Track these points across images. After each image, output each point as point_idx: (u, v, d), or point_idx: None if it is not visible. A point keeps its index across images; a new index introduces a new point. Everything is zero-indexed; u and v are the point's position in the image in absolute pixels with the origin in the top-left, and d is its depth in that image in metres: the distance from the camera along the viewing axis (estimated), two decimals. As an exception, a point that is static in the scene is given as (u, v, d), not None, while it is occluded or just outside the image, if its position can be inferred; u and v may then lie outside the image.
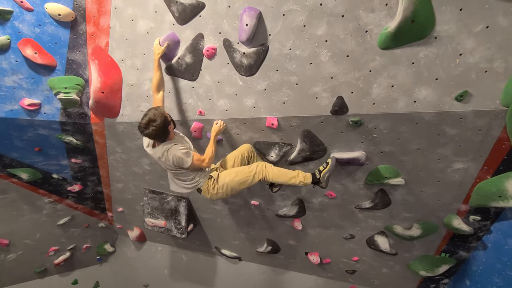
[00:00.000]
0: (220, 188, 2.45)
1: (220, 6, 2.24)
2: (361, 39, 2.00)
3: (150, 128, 2.08)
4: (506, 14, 1.69)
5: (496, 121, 1.96)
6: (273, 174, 2.45)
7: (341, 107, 2.24)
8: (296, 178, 2.44)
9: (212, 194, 2.47)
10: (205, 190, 2.48)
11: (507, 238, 2.49)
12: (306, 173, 2.47)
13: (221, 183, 2.45)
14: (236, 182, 2.45)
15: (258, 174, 2.44)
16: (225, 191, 2.47)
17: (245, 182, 2.45)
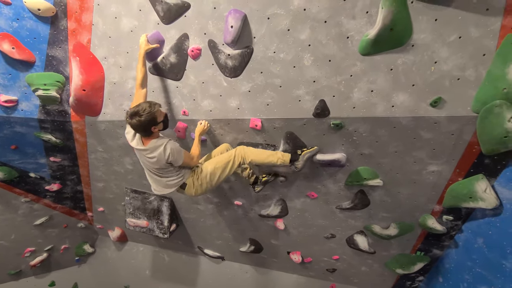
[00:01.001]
0: (204, 178, 2.46)
1: (206, 7, 2.25)
2: (342, 44, 2.06)
3: (133, 120, 2.09)
4: (477, 26, 1.79)
5: (467, 126, 2.07)
6: (251, 153, 2.50)
7: (323, 110, 2.30)
8: (274, 156, 2.49)
9: (197, 186, 2.47)
10: (190, 184, 2.47)
11: (477, 237, 2.63)
12: (285, 153, 2.53)
13: (204, 173, 2.46)
14: (219, 168, 2.46)
15: (237, 156, 2.48)
16: (209, 181, 2.47)
17: (227, 167, 2.48)
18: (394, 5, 1.82)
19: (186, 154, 2.34)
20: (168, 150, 2.21)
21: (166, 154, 2.22)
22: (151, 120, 2.12)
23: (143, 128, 2.14)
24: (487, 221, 2.48)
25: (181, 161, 2.30)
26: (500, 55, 1.80)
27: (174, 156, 2.24)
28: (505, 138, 1.95)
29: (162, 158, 2.23)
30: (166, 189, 2.49)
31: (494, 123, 1.93)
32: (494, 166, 2.22)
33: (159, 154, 2.22)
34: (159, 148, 2.21)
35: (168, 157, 2.23)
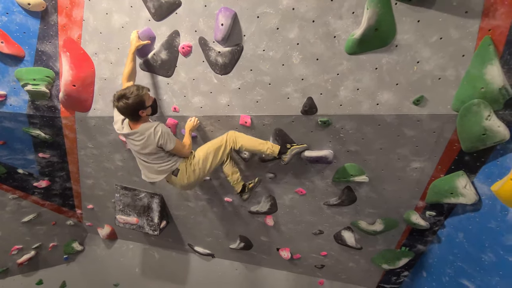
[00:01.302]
0: (197, 164, 2.44)
1: (197, 5, 2.29)
2: (329, 43, 2.12)
3: (120, 102, 2.06)
4: (457, 28, 1.87)
5: (448, 124, 2.15)
6: (242, 139, 2.52)
7: (310, 107, 2.35)
8: (264, 145, 2.51)
9: (190, 172, 2.43)
10: (183, 170, 2.43)
11: (458, 232, 2.73)
12: (274, 144, 2.56)
13: (196, 159, 2.45)
14: (211, 153, 2.46)
15: (229, 140, 2.50)
16: (202, 167, 2.45)
17: (219, 152, 2.48)
18: (379, 6, 1.89)
19: (178, 141, 2.33)
20: (158, 131, 2.18)
21: (156, 136, 2.18)
22: (139, 103, 2.09)
23: (130, 112, 2.11)
24: (467, 216, 2.57)
25: (173, 145, 2.27)
26: (478, 56, 1.89)
27: (165, 138, 2.21)
28: (483, 135, 2.04)
29: (152, 141, 2.20)
30: (157, 176, 2.45)
31: (472, 121, 2.02)
32: (473, 163, 2.31)
33: (149, 135, 2.18)
34: (149, 130, 2.18)
35: (159, 139, 2.19)
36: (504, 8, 1.76)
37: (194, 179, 2.47)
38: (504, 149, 2.10)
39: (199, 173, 2.46)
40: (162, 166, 2.39)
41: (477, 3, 1.78)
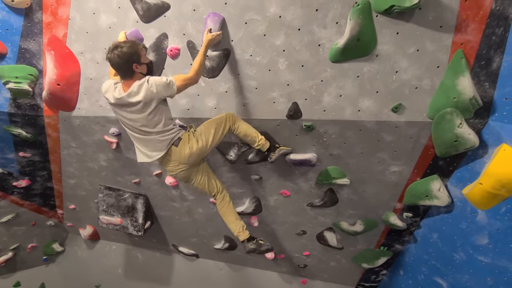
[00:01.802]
0: (200, 136, 2.29)
1: (185, 9, 2.32)
2: (314, 51, 2.21)
3: (114, 52, 1.92)
4: (432, 41, 1.99)
5: (424, 131, 2.28)
6: (240, 121, 2.47)
7: (295, 112, 2.43)
8: (258, 135, 2.50)
9: (193, 142, 2.25)
10: (185, 139, 2.25)
11: (432, 232, 2.88)
12: (266, 140, 2.55)
13: (198, 132, 2.32)
14: (212, 126, 2.33)
15: (228, 119, 2.40)
16: (205, 139, 2.29)
17: (220, 127, 2.35)
18: (361, 18, 1.99)
19: (179, 78, 2.11)
20: (151, 81, 2.00)
21: (153, 86, 1.99)
22: (134, 53, 1.96)
23: (124, 63, 1.95)
24: (441, 218, 2.72)
25: (174, 86, 2.06)
26: (451, 68, 2.02)
27: (163, 82, 2.01)
28: (456, 142, 2.17)
29: (151, 94, 2.00)
30: (159, 152, 2.24)
31: (446, 128, 2.15)
32: (447, 167, 2.45)
33: (146, 91, 1.99)
34: (143, 86, 2.00)
35: (158, 88, 2.00)
36: (474, 25, 1.89)
37: (196, 149, 2.27)
38: (474, 155, 2.24)
39: (202, 145, 2.28)
40: (165, 136, 2.20)
41: (451, 18, 1.91)
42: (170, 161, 2.32)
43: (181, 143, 2.25)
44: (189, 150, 2.25)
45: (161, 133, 2.18)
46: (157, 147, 2.23)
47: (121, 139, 3.17)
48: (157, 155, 2.25)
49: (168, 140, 2.22)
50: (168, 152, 2.26)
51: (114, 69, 2.04)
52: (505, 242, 2.22)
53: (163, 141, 2.21)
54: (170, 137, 2.22)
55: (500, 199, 2.13)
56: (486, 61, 1.94)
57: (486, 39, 1.90)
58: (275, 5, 2.14)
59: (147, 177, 3.54)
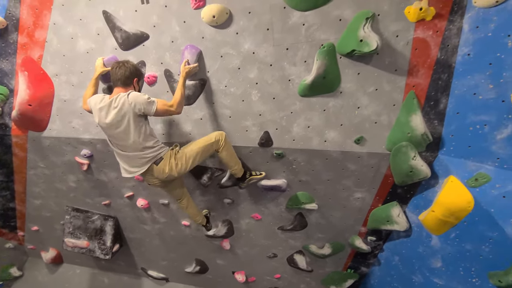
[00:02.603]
0: (180, 159, 2.31)
1: (164, 40, 2.43)
2: (285, 85, 2.38)
3: (121, 65, 2.16)
4: (388, 82, 2.22)
5: (383, 161, 2.48)
6: (228, 145, 2.47)
7: (267, 140, 2.56)
8: (238, 164, 2.57)
9: (172, 164, 2.29)
10: (166, 159, 2.28)
11: (394, 255, 3.05)
12: (241, 169, 2.62)
13: (181, 154, 2.33)
14: (198, 152, 2.35)
15: (216, 141, 2.40)
16: (185, 163, 2.32)
17: (204, 151, 2.38)
18: (326, 59, 2.19)
19: (162, 100, 2.16)
20: (132, 94, 2.07)
21: (132, 98, 2.05)
22: (139, 71, 2.27)
23: (128, 75, 2.17)
24: (401, 242, 2.91)
25: (154, 106, 2.10)
26: (405, 107, 2.25)
27: (140, 99, 2.05)
28: (411, 172, 2.38)
29: (128, 107, 2.05)
30: (140, 168, 2.27)
31: (402, 160, 2.36)
32: (405, 195, 2.65)
33: (123, 102, 2.05)
34: (123, 97, 2.06)
35: (136, 100, 2.05)
36: (424, 70, 2.15)
37: (175, 172, 2.31)
38: (427, 185, 2.46)
39: (181, 168, 2.32)
40: (146, 153, 2.22)
41: (404, 64, 2.15)
42: (148, 175, 2.35)
43: (162, 163, 2.28)
44: (168, 170, 2.30)
45: (142, 150, 2.21)
46: (138, 164, 2.26)
47: (93, 160, 3.14)
48: (137, 172, 2.29)
49: (149, 158, 2.24)
50: (149, 168, 2.29)
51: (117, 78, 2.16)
52: (455, 265, 2.42)
53: (144, 159, 2.24)
54: (151, 155, 2.24)
55: (450, 225, 2.34)
56: (434, 102, 2.19)
57: (433, 83, 2.16)
58: (249, 42, 2.30)
59: (118, 199, 3.49)
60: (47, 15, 2.54)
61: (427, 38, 2.06)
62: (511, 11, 1.78)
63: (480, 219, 2.12)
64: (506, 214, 1.99)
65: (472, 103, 2.03)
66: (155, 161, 2.27)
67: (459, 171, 2.21)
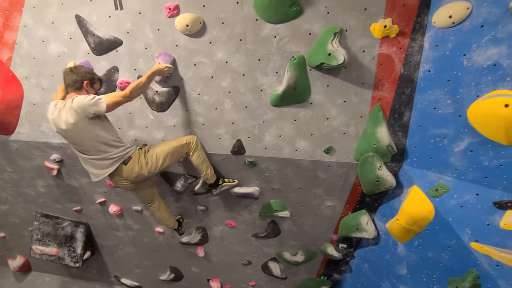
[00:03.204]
0: (150, 158, 2.32)
1: (138, 46, 2.43)
2: (257, 95, 2.42)
3: (71, 72, 2.16)
4: (356, 94, 2.30)
5: (352, 171, 2.56)
6: (201, 150, 2.51)
7: (239, 148, 2.59)
8: (210, 170, 2.58)
9: (142, 163, 2.28)
10: (135, 159, 2.26)
11: (364, 262, 3.12)
12: (214, 175, 2.64)
13: (151, 153, 2.34)
14: (169, 152, 2.36)
15: (188, 144, 2.43)
16: (155, 162, 2.32)
17: (176, 152, 2.40)
18: (297, 70, 2.25)
19: (110, 94, 2.12)
20: (76, 99, 2.03)
21: (75, 103, 2.01)
22: (90, 75, 2.23)
23: (76, 78, 2.15)
24: (370, 249, 2.98)
25: (103, 104, 2.04)
26: (371, 119, 2.34)
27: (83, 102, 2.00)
28: (377, 182, 2.46)
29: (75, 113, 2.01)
30: (107, 169, 2.23)
31: (369, 170, 2.44)
32: (373, 203, 2.73)
33: (70, 108, 2.02)
34: (69, 103, 2.04)
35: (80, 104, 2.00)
36: (388, 84, 2.24)
37: (145, 171, 2.31)
38: (393, 194, 2.55)
39: (151, 166, 2.31)
40: (115, 154, 2.19)
41: (370, 78, 2.24)
42: (117, 175, 2.32)
43: (131, 162, 2.26)
44: (138, 169, 2.28)
45: (106, 151, 2.17)
46: (104, 165, 2.23)
47: (63, 165, 3.07)
48: (105, 173, 2.25)
49: (116, 159, 2.21)
50: (117, 168, 2.25)
51: (67, 84, 2.17)
52: (419, 272, 2.51)
53: (110, 160, 2.20)
54: (118, 155, 2.21)
55: (413, 233, 2.44)
56: (399, 114, 2.29)
57: (398, 97, 2.26)
58: (222, 52, 2.33)
59: (89, 205, 3.42)
60: (17, 17, 2.49)
61: (392, 54, 2.16)
62: (466, 32, 1.90)
63: (440, 227, 2.22)
64: (463, 223, 2.09)
65: (433, 117, 2.14)
66: (124, 161, 2.24)
67: (422, 181, 2.30)
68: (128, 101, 2.14)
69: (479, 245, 2.01)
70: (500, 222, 1.94)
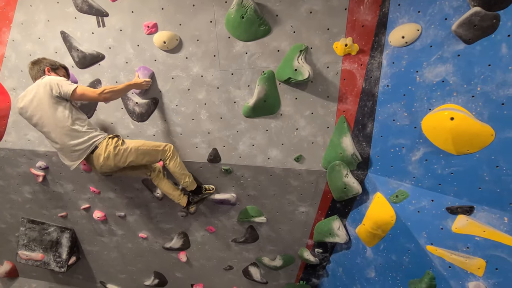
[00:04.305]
0: (123, 151, 2.29)
1: (119, 61, 2.59)
2: (231, 107, 2.58)
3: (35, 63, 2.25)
4: (322, 107, 2.46)
5: (321, 178, 2.70)
6: (177, 158, 2.53)
7: (215, 156, 2.74)
8: (189, 177, 2.63)
9: (111, 153, 2.25)
10: (102, 148, 2.24)
11: (339, 266, 3.24)
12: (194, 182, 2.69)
13: (125, 146, 2.32)
14: (142, 150, 2.37)
15: (164, 151, 2.46)
16: (127, 155, 2.31)
17: (149, 153, 2.40)
18: (267, 84, 2.42)
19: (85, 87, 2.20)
20: (46, 77, 2.14)
21: (45, 81, 2.09)
22: (52, 62, 2.31)
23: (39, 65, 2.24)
24: (343, 253, 3.11)
25: (72, 87, 2.10)
26: (337, 129, 2.50)
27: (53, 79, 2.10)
28: (345, 189, 2.61)
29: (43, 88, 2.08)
30: (74, 162, 2.28)
31: (336, 177, 2.59)
32: (343, 209, 2.87)
33: (38, 85, 2.10)
34: (38, 81, 2.14)
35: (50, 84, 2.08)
36: (352, 98, 2.41)
37: (112, 163, 2.29)
38: (361, 200, 2.69)
39: (119, 160, 2.29)
40: (81, 142, 2.21)
41: (334, 91, 2.41)
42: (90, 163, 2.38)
43: (97, 151, 2.26)
44: (103, 160, 2.26)
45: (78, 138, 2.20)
46: (73, 158, 2.27)
47: (49, 172, 3.19)
48: (74, 164, 2.30)
49: (81, 150, 2.23)
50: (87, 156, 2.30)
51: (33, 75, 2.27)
52: (385, 275, 2.64)
53: (76, 153, 2.24)
54: (82, 147, 2.23)
55: (378, 237, 2.57)
56: (362, 126, 2.45)
57: (361, 109, 2.42)
58: (197, 66, 2.50)
59: (74, 211, 3.53)
60: (6, 32, 2.65)
61: (353, 70, 2.33)
62: (417, 51, 2.08)
63: (401, 231, 2.36)
64: (420, 227, 2.24)
65: (392, 128, 2.30)
66: (92, 150, 2.26)
67: (384, 188, 2.45)
68: (97, 99, 2.21)
69: (434, 248, 2.15)
70: (452, 226, 2.09)
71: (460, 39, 1.87)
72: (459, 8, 1.86)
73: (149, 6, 2.38)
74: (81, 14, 2.49)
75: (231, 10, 2.28)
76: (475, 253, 2.00)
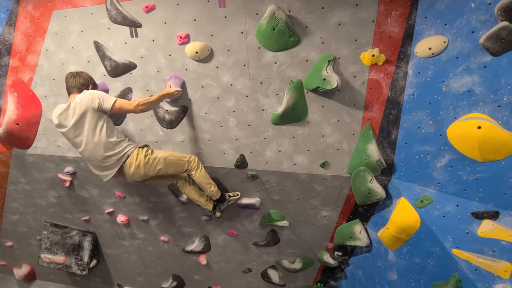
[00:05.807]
0: (152, 160, 2.43)
1: (150, 70, 2.67)
2: (259, 114, 2.66)
3: (78, 76, 2.38)
4: (348, 114, 2.55)
5: (345, 183, 2.79)
6: (202, 169, 2.67)
7: (242, 162, 2.82)
8: (213, 186, 2.74)
9: (141, 161, 2.39)
10: (134, 157, 2.39)
11: (358, 269, 3.32)
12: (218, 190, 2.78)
13: (155, 155, 2.47)
14: (169, 160, 2.51)
15: (190, 162, 2.61)
16: (156, 164, 2.45)
17: (176, 163, 2.54)
18: (295, 93, 2.51)
19: (122, 99, 2.31)
20: (87, 91, 2.28)
21: (87, 96, 2.21)
22: (93, 80, 2.49)
23: (83, 82, 2.38)
24: (364, 257, 3.18)
25: (111, 100, 2.24)
26: (362, 136, 2.58)
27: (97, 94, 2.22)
28: (369, 194, 2.69)
29: (86, 102, 2.20)
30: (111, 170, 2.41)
31: (361, 183, 2.67)
32: (365, 213, 2.95)
33: (81, 99, 2.21)
34: (80, 95, 2.25)
35: (92, 100, 2.19)
36: (377, 106, 2.49)
37: (141, 171, 2.42)
38: (384, 205, 2.77)
39: (150, 167, 2.43)
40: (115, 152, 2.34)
41: (360, 100, 2.49)
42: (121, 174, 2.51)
43: (129, 160, 2.39)
44: (134, 168, 2.39)
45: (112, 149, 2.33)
46: (105, 168, 2.41)
47: (76, 177, 3.26)
48: (108, 175, 2.46)
49: (117, 160, 2.37)
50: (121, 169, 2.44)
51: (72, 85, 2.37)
52: (408, 278, 2.71)
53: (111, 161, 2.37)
54: (121, 153, 2.37)
55: (402, 241, 2.65)
56: (387, 133, 2.54)
57: (386, 117, 2.51)
58: (227, 75, 2.58)
59: (98, 215, 3.60)
60: (40, 42, 2.73)
61: (380, 79, 2.42)
62: (443, 62, 2.16)
63: (426, 236, 2.44)
64: (445, 231, 2.31)
65: (417, 136, 2.38)
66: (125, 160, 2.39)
67: (408, 193, 2.53)
68: (133, 111, 2.33)
69: (460, 252, 2.23)
70: (478, 230, 2.17)
71: (487, 52, 1.96)
72: (486, 22, 1.94)
73: (182, 17, 2.47)
74: (115, 25, 2.57)
75: (263, 21, 2.37)
76: (501, 256, 2.08)
